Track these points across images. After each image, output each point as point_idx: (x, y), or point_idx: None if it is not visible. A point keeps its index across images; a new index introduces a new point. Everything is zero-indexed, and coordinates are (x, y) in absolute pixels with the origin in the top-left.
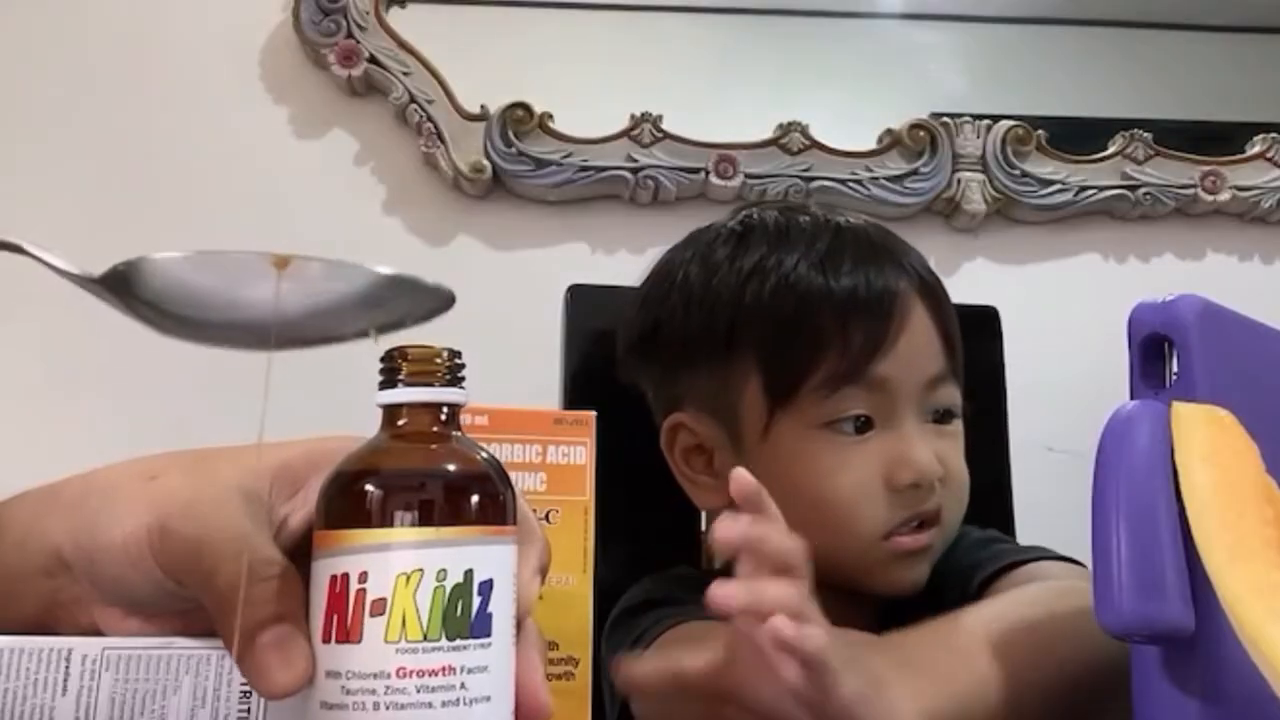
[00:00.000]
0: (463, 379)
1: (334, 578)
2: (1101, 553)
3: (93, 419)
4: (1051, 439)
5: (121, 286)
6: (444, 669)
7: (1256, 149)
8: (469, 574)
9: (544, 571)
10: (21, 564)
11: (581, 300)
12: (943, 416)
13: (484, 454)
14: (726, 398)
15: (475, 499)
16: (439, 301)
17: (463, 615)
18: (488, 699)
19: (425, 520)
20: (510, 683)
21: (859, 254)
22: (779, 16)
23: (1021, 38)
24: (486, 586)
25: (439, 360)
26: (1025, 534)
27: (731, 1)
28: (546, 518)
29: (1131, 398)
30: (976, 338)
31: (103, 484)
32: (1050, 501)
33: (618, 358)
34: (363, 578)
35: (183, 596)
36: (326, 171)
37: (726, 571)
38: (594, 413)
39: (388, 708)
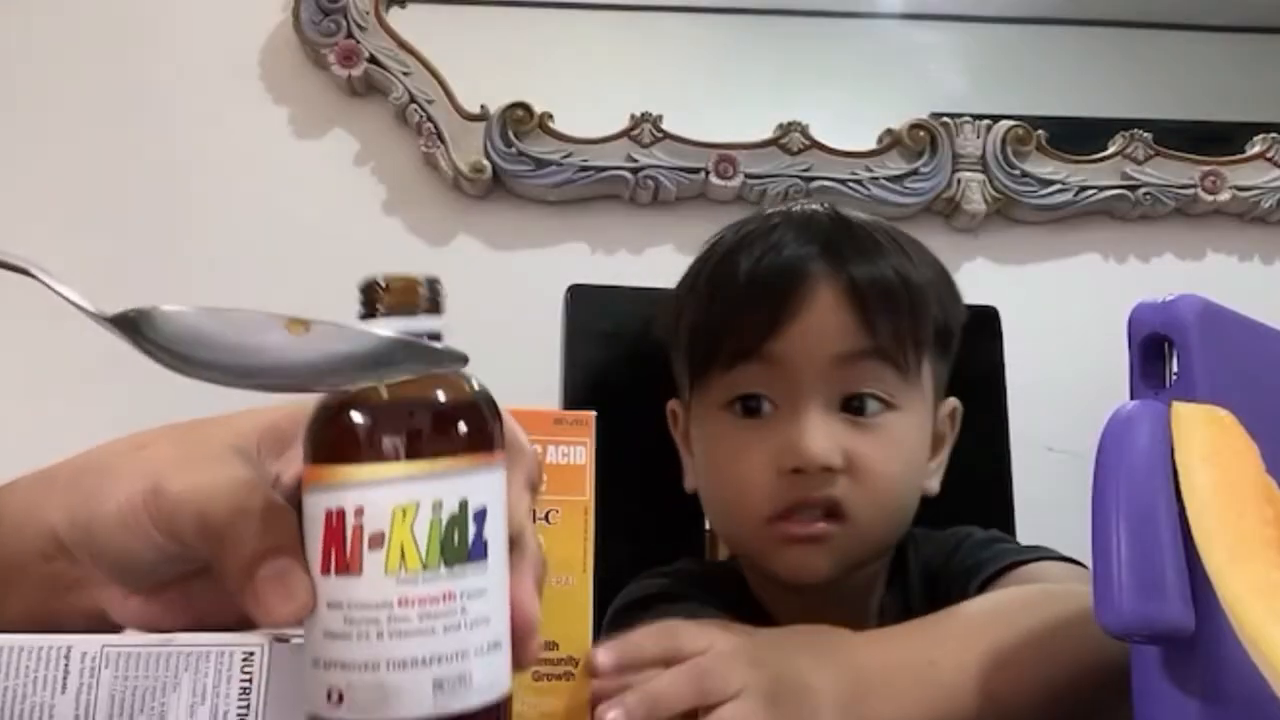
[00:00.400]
0: (443, 308)
1: (329, 512)
2: (1101, 553)
3: (89, 412)
4: (1051, 439)
5: (131, 329)
6: (445, 595)
7: (1256, 149)
8: (464, 503)
9: (534, 486)
10: (20, 548)
11: (581, 300)
12: (858, 406)
13: (471, 382)
14: (681, 381)
15: (466, 428)
16: (452, 362)
17: (460, 544)
18: (487, 620)
19: (418, 452)
20: (506, 602)
21: (784, 236)
22: (779, 16)
23: (1021, 38)
24: (481, 514)
25: (420, 290)
26: (1025, 534)
27: (731, 1)
28: (546, 518)
29: (1131, 398)
30: (976, 338)
31: (95, 462)
32: (1050, 501)
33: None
34: (359, 513)
35: (184, 559)
36: (326, 171)
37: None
38: (594, 413)
39: (391, 636)
